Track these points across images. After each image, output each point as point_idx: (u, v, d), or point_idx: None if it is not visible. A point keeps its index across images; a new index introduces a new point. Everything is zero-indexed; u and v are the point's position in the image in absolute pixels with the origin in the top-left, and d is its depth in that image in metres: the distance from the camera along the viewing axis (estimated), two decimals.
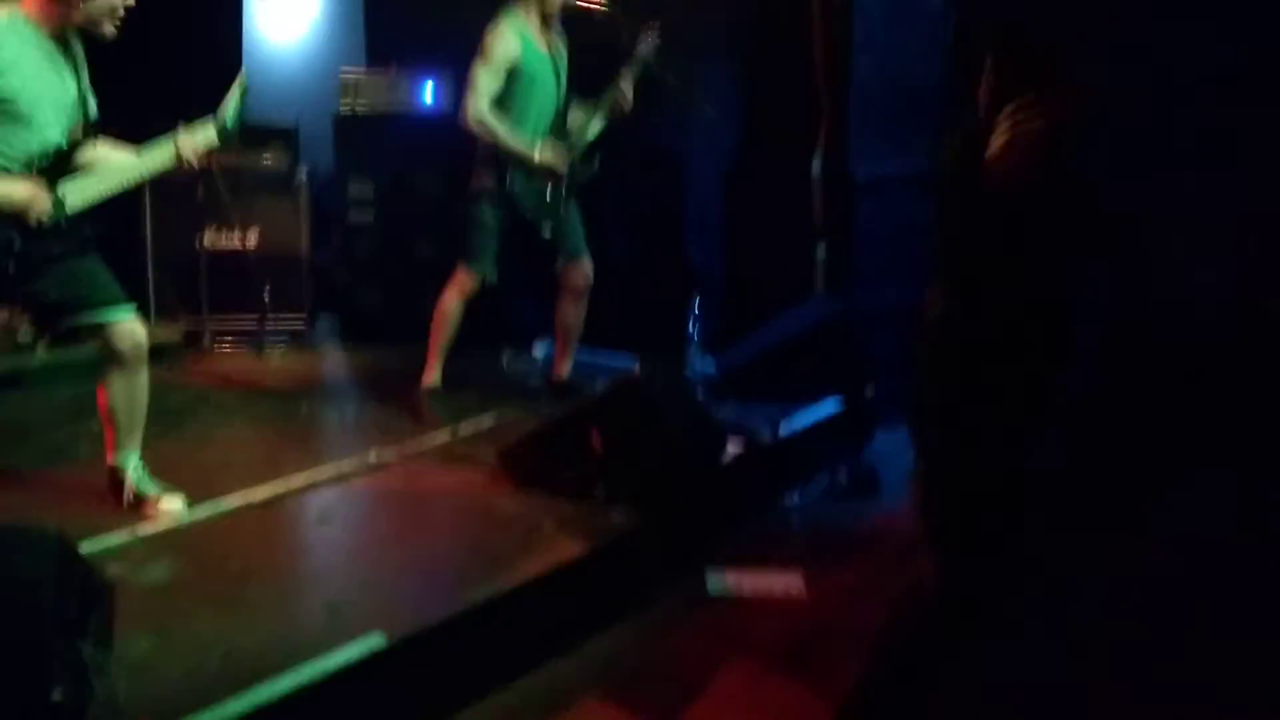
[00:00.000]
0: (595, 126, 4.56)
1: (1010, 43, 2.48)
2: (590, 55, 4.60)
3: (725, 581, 3.57)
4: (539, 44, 4.42)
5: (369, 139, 5.66)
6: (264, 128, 5.74)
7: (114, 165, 3.33)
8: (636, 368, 3.85)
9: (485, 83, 4.28)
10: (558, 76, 4.49)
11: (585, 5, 4.48)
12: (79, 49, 3.32)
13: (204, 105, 5.47)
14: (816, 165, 5.21)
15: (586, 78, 4.61)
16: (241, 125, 3.45)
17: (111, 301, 3.32)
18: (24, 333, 4.67)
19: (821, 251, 5.20)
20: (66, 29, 3.21)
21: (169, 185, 4.83)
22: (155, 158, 3.35)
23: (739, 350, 5.05)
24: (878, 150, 5.23)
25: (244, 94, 3.45)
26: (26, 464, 3.89)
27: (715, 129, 5.00)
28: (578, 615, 3.26)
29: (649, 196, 5.54)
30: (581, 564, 3.32)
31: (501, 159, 4.37)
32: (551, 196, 4.48)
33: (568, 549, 3.35)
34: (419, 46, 5.09)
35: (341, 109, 5.71)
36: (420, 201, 5.71)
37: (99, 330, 3.32)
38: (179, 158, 3.33)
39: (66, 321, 3.32)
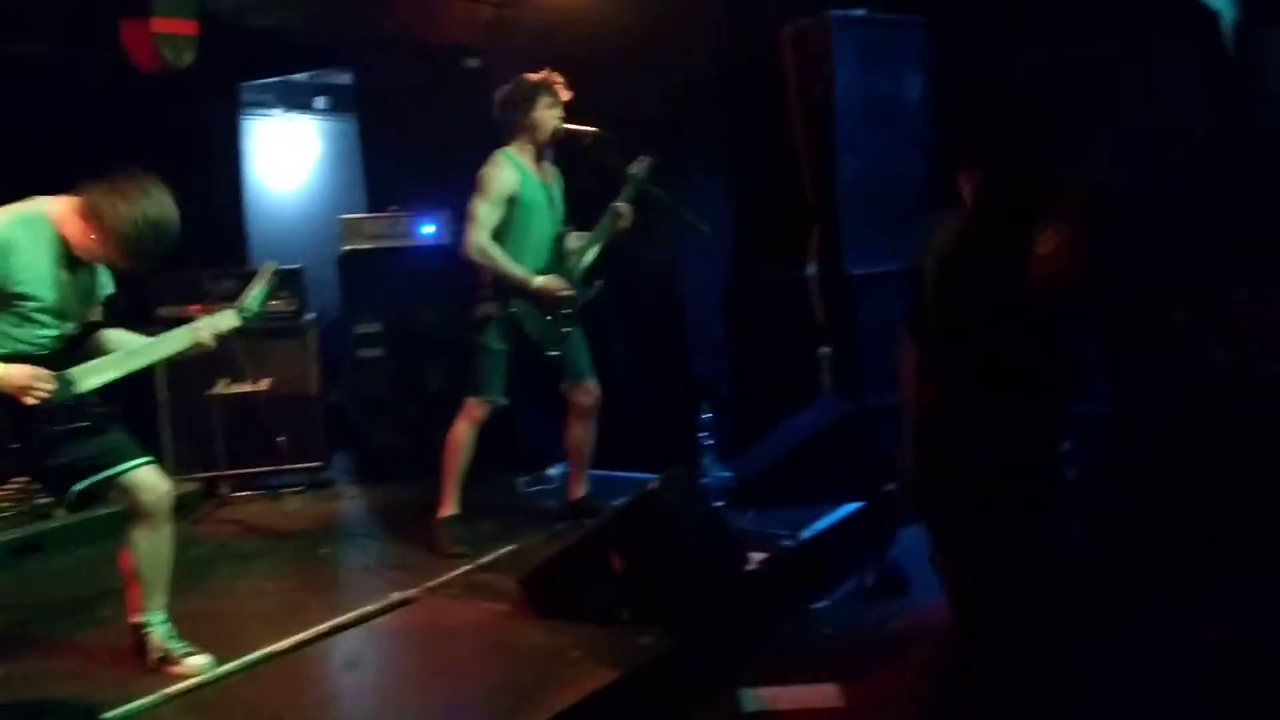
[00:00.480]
0: (594, 250, 4.65)
1: (1000, 155, 2.58)
2: (590, 178, 4.73)
3: (759, 699, 3.51)
4: (534, 174, 4.54)
5: (373, 276, 5.75)
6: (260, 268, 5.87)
7: (129, 348, 3.39)
8: (653, 482, 3.84)
9: (485, 214, 4.40)
10: (553, 204, 4.61)
11: (576, 130, 4.61)
12: None
13: (207, 256, 5.65)
14: (812, 267, 5.29)
15: (586, 201, 4.72)
16: (264, 305, 3.57)
17: (127, 456, 3.36)
18: (42, 498, 4.69)
19: (825, 352, 5.24)
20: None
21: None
22: (172, 342, 3.43)
23: (753, 457, 5.06)
24: (870, 247, 5.32)
25: (272, 283, 3.57)
26: (49, 630, 3.88)
27: (710, 241, 5.09)
28: None
29: (651, 313, 5.61)
30: (612, 691, 3.29)
31: (503, 287, 4.44)
32: (555, 320, 4.54)
33: (597, 677, 3.32)
34: (415, 190, 5.23)
35: (344, 249, 5.82)
36: (427, 334, 5.78)
37: (119, 486, 3.35)
38: (197, 343, 3.41)
39: (81, 483, 3.34)
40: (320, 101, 8.07)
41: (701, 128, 5.47)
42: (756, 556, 4.12)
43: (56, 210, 3.24)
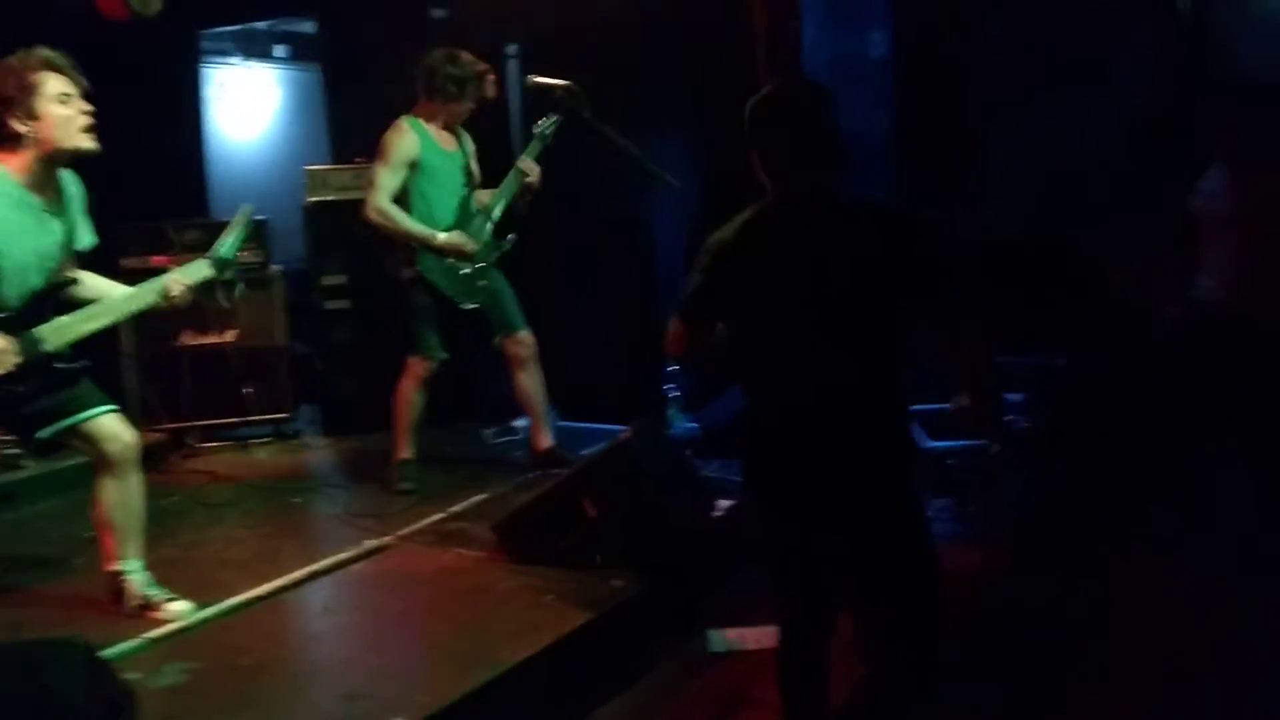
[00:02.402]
0: (500, 206, 4.77)
1: None
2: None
3: (726, 639, 3.63)
4: (437, 140, 4.68)
5: (338, 228, 5.74)
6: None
7: (99, 305, 3.39)
8: (626, 432, 3.93)
9: (384, 179, 4.56)
10: (459, 168, 4.74)
11: (546, 83, 4.66)
12: (69, 184, 3.39)
13: (168, 206, 5.62)
14: None
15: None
16: (237, 252, 3.57)
17: (90, 404, 3.38)
18: (10, 448, 4.69)
19: None
20: (47, 168, 3.27)
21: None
22: (142, 296, 3.42)
23: (718, 408, 5.15)
24: None
25: (246, 228, 3.57)
26: (26, 579, 3.91)
27: (678, 194, 5.14)
28: (586, 683, 3.32)
29: (620, 265, 5.67)
30: (585, 633, 3.39)
31: (412, 247, 4.57)
32: (467, 275, 4.64)
33: (571, 619, 3.42)
34: (380, 141, 5.20)
35: (310, 200, 5.81)
36: (392, 285, 5.78)
37: (82, 434, 3.37)
38: (166, 295, 3.41)
39: (48, 429, 3.36)
40: (280, 50, 7.98)
41: (669, 82, 5.49)
42: (724, 504, 4.22)
43: (4, 160, 3.20)
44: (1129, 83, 5.26)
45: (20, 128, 3.16)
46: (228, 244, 3.56)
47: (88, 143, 3.25)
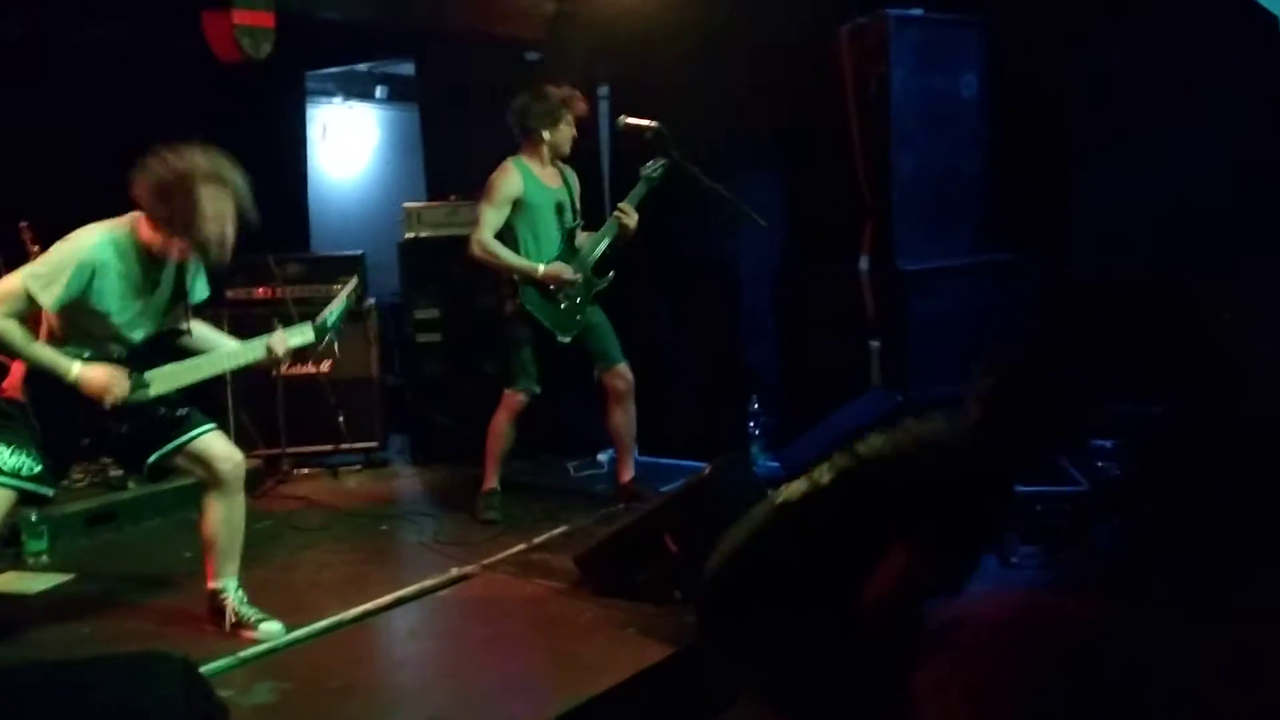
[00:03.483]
0: (601, 245, 4.87)
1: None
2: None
3: None
4: (541, 179, 4.79)
5: (432, 263, 5.89)
6: (332, 258, 6.04)
7: (205, 357, 3.54)
8: (707, 469, 3.95)
9: (488, 217, 4.69)
10: (560, 206, 4.84)
11: (636, 124, 4.77)
12: None
13: (272, 240, 5.81)
14: (864, 262, 5.35)
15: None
16: (340, 322, 3.74)
17: (194, 424, 3.53)
18: (116, 468, 4.88)
19: (875, 346, 5.32)
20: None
21: (246, 317, 5.06)
22: (246, 353, 3.58)
23: (801, 448, 5.13)
24: (924, 244, 5.38)
25: (352, 300, 3.72)
26: (127, 595, 4.06)
27: (765, 233, 5.18)
28: (668, 717, 3.32)
29: (706, 303, 5.72)
30: (666, 666, 3.40)
31: (514, 282, 4.68)
32: (566, 308, 4.74)
33: (652, 652, 3.44)
34: (474, 179, 5.36)
35: (406, 236, 5.97)
36: (483, 320, 5.91)
37: (191, 454, 3.50)
38: (270, 355, 3.57)
39: (154, 454, 3.50)
40: (380, 90, 8.25)
41: (759, 123, 5.55)
42: None
43: (140, 225, 3.31)
44: (1226, 119, 5.16)
45: (171, 234, 3.23)
46: (333, 315, 3.72)
47: (216, 258, 3.31)
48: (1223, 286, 4.96)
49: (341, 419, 5.60)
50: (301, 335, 3.65)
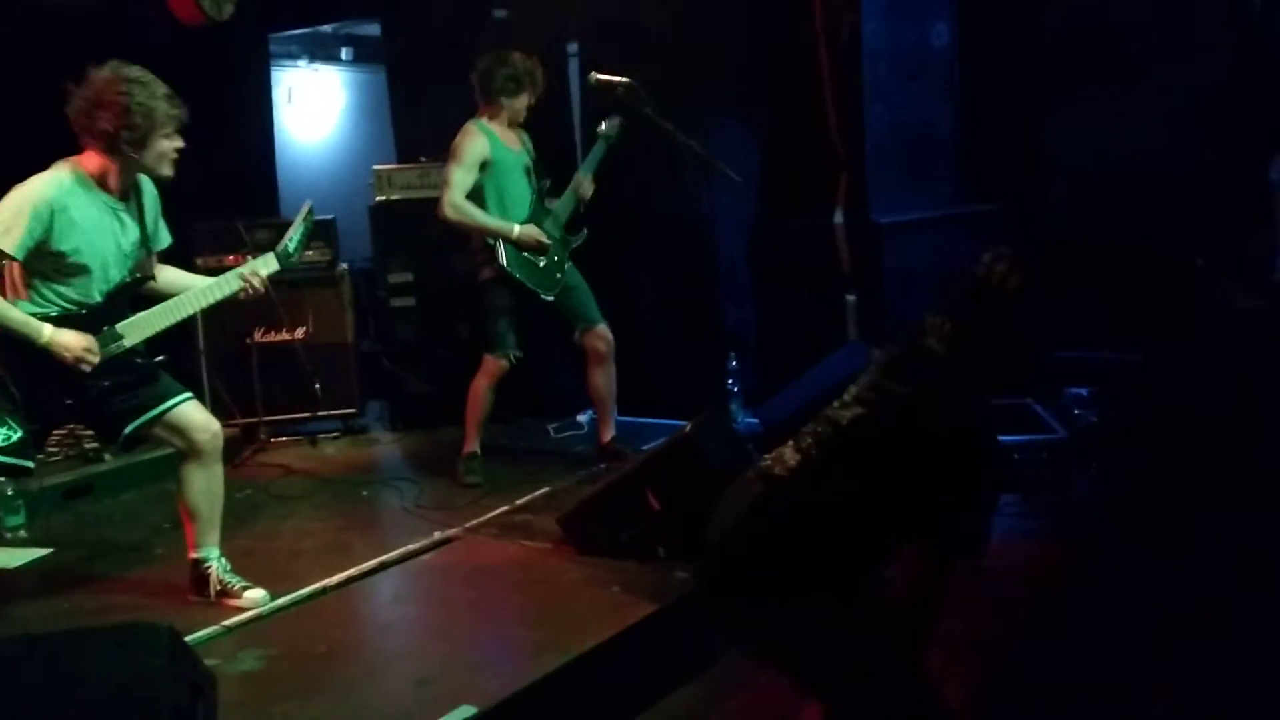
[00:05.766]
0: (569, 204, 4.88)
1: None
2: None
3: None
4: (505, 142, 4.77)
5: (404, 227, 5.84)
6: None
7: (177, 300, 3.51)
8: (687, 426, 3.95)
9: (458, 178, 4.65)
10: (525, 169, 4.83)
11: (607, 80, 4.72)
12: (146, 185, 3.51)
13: (240, 206, 5.74)
14: (839, 216, 5.35)
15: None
16: (301, 247, 3.70)
17: (170, 394, 3.50)
18: (91, 441, 4.84)
19: (851, 300, 5.33)
20: (126, 174, 3.38)
21: None
22: (217, 289, 3.55)
23: (780, 403, 5.15)
24: (898, 197, 5.38)
25: (309, 224, 3.68)
26: (107, 567, 4.04)
27: (739, 189, 5.16)
28: (653, 674, 3.35)
29: (682, 261, 5.69)
30: (651, 623, 3.42)
31: (490, 244, 4.65)
32: (545, 266, 4.73)
33: (637, 610, 3.44)
34: (443, 140, 5.30)
35: (377, 199, 5.91)
36: (458, 283, 5.87)
37: (167, 424, 3.48)
38: (243, 287, 3.54)
39: (130, 425, 3.47)
40: (346, 52, 8.12)
41: (730, 77, 5.51)
42: None
43: (82, 161, 3.32)
44: (1193, 69, 5.17)
45: (127, 149, 3.27)
46: (293, 239, 3.68)
47: (168, 171, 3.39)
48: (1194, 235, 4.99)
49: (318, 386, 5.57)
50: (265, 264, 3.61)
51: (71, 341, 3.26)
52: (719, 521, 2.56)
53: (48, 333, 3.24)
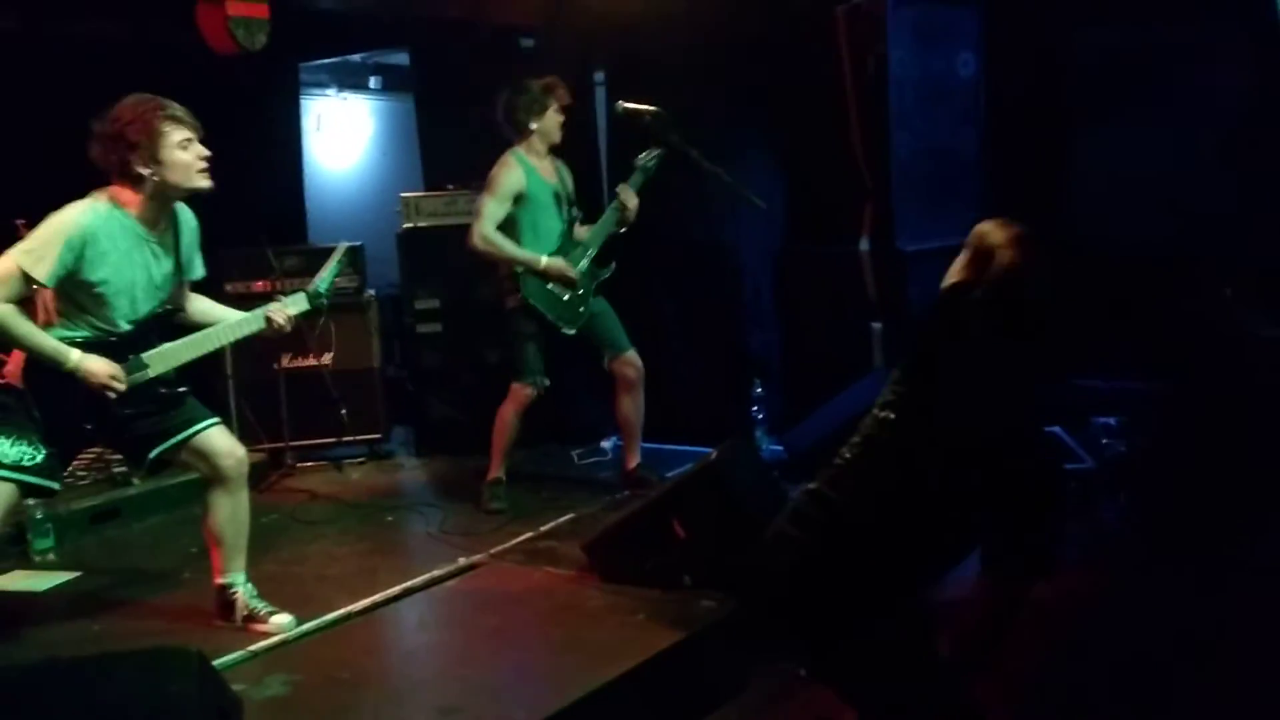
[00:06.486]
0: (601, 235, 4.87)
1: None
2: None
3: None
4: (540, 173, 4.78)
5: (431, 253, 5.87)
6: (329, 250, 6.00)
7: (204, 333, 3.55)
8: (713, 453, 3.95)
9: (491, 209, 4.67)
10: (559, 200, 4.84)
11: (636, 109, 4.74)
12: (185, 217, 3.54)
13: (269, 232, 5.78)
14: (864, 243, 5.35)
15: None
16: (332, 286, 3.77)
17: (197, 419, 3.52)
18: (120, 466, 4.87)
19: (877, 328, 5.32)
20: (163, 204, 3.41)
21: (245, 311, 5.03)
22: (244, 325, 3.59)
23: (804, 431, 5.14)
24: (923, 224, 5.38)
25: (341, 264, 3.73)
26: (135, 592, 4.06)
27: (765, 216, 5.17)
28: (678, 703, 3.33)
29: (706, 288, 5.71)
30: (676, 652, 3.40)
31: (517, 275, 4.67)
32: (569, 300, 4.74)
33: (662, 638, 3.43)
34: (471, 168, 5.36)
35: (404, 226, 5.95)
36: (483, 310, 5.90)
37: (193, 449, 3.50)
38: (270, 324, 3.58)
39: (159, 448, 3.50)
40: (374, 81, 8.21)
41: (757, 105, 5.53)
42: None
43: (117, 193, 3.34)
44: (1222, 97, 5.15)
45: (144, 170, 3.30)
46: (324, 280, 3.73)
47: (204, 182, 3.39)
48: (1222, 264, 4.97)
49: (344, 411, 5.60)
50: (295, 303, 3.65)
51: (98, 368, 3.28)
52: (761, 543, 2.54)
53: (75, 358, 3.27)
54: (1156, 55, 5.29)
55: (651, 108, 4.73)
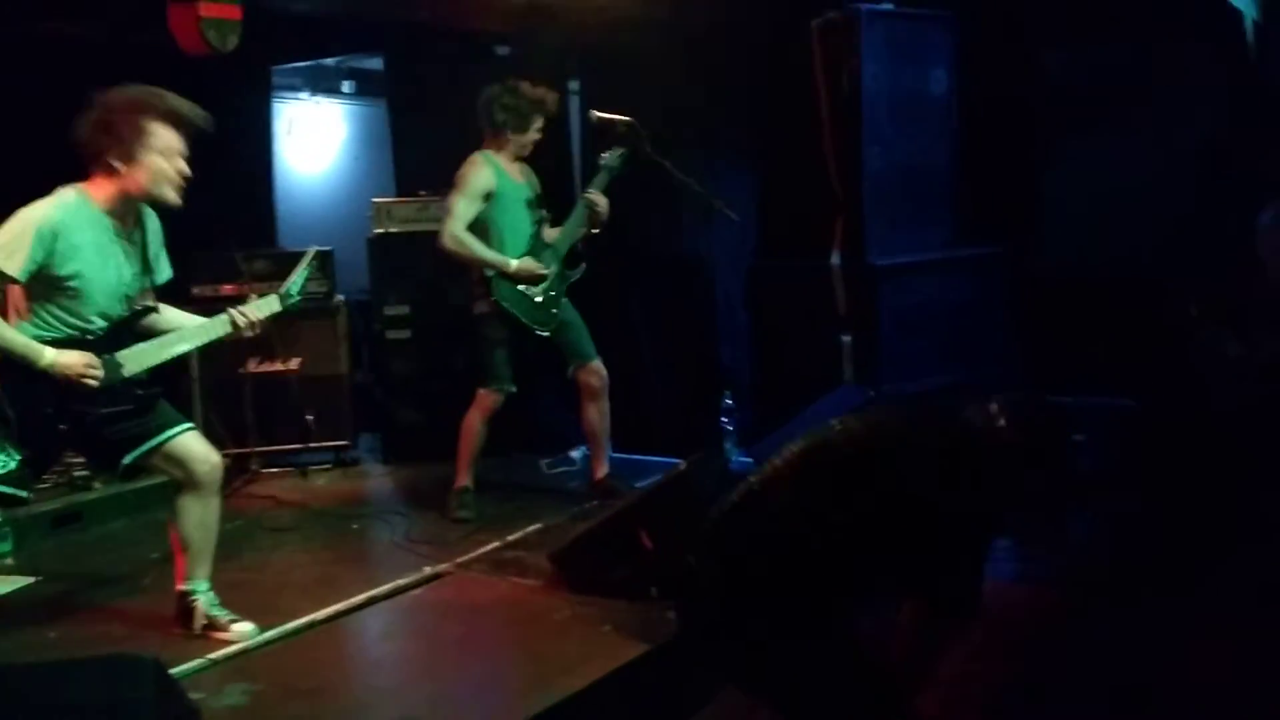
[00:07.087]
0: (570, 237, 4.85)
1: None
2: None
3: None
4: (509, 174, 4.77)
5: (402, 260, 5.84)
6: (299, 254, 5.95)
7: (174, 334, 3.51)
8: (682, 464, 3.94)
9: (461, 209, 4.64)
10: (528, 202, 4.82)
11: (608, 118, 4.74)
12: (149, 218, 3.50)
13: (238, 236, 5.73)
14: (836, 257, 5.37)
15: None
16: (304, 290, 3.73)
17: (171, 424, 3.48)
18: (81, 469, 4.81)
19: (847, 341, 5.33)
20: (129, 203, 3.37)
21: (212, 314, 4.97)
22: (214, 327, 3.54)
23: (774, 443, 5.12)
24: (895, 238, 5.41)
25: (312, 268, 3.69)
26: (94, 597, 4.00)
27: (737, 229, 5.18)
28: (644, 715, 3.31)
29: (678, 300, 5.71)
30: (641, 664, 3.38)
31: (487, 278, 4.64)
32: (541, 302, 4.72)
33: (628, 649, 3.42)
34: (443, 175, 5.34)
35: (374, 232, 5.92)
36: (453, 316, 5.86)
37: (166, 455, 3.45)
38: (236, 327, 3.53)
39: (130, 454, 3.45)
40: (347, 85, 8.17)
41: (730, 117, 5.55)
42: None
43: (88, 187, 3.32)
44: (1189, 115, 5.22)
45: (116, 164, 3.26)
46: (296, 283, 3.69)
47: (171, 195, 3.34)
48: (1189, 282, 5.02)
49: (310, 417, 5.54)
50: (267, 305, 3.62)
51: (73, 359, 3.24)
52: (694, 541, 2.55)
53: (49, 355, 3.22)
54: (1127, 74, 5.35)
55: (625, 118, 4.73)
